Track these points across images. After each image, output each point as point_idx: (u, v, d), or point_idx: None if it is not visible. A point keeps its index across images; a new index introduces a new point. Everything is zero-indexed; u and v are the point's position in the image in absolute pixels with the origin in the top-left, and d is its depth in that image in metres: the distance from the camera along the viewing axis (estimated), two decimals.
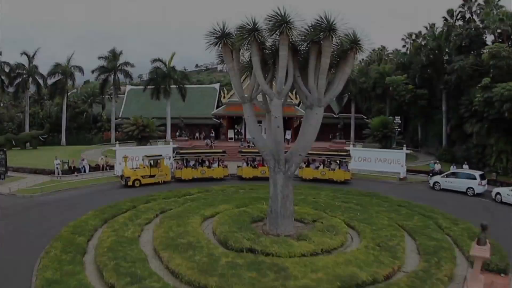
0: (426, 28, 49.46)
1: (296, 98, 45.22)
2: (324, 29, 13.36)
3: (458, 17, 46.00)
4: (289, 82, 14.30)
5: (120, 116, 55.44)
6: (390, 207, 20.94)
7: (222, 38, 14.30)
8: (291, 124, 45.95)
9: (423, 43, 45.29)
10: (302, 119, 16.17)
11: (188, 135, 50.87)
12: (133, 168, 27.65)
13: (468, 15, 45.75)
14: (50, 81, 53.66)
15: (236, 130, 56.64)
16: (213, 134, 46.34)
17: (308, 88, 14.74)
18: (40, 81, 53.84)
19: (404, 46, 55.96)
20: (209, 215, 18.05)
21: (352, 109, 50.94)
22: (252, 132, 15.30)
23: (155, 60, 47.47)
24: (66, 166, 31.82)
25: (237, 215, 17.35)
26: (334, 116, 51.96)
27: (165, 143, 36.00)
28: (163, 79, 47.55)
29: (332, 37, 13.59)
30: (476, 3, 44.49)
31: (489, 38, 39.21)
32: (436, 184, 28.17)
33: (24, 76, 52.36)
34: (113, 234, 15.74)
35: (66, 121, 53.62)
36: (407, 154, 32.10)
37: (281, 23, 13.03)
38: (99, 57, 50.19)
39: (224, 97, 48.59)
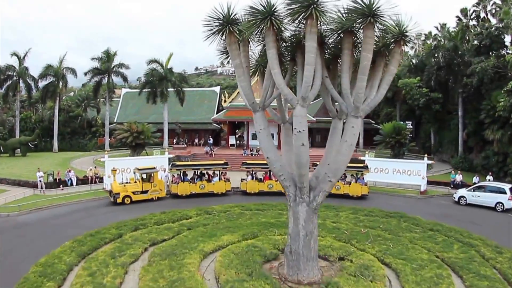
0: (437, 28, 45.97)
1: None
2: (364, 14, 9.65)
3: (472, 17, 42.66)
4: (316, 85, 10.58)
5: (115, 120, 51.57)
6: (423, 233, 17.33)
7: (227, 25, 10.51)
8: None
9: (433, 43, 41.74)
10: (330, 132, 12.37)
11: (187, 141, 47.11)
12: (123, 183, 23.80)
13: (483, 14, 42.51)
14: (41, 84, 49.98)
15: (238, 135, 52.90)
16: (211, 141, 42.17)
17: (340, 93, 11.07)
18: (32, 83, 50.16)
19: (412, 47, 52.48)
20: (210, 250, 14.18)
21: None
22: (266, 150, 11.51)
23: (151, 61, 43.56)
24: (51, 179, 28.00)
25: (245, 251, 13.53)
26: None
27: (161, 151, 32.11)
28: (160, 82, 43.63)
29: (375, 25, 9.90)
30: (491, 2, 41.17)
31: (507, 39, 35.87)
32: (462, 198, 24.68)
33: (15, 78, 48.53)
34: (89, 280, 11.96)
35: (58, 126, 49.71)
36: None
37: (308, 3, 9.30)
38: (92, 58, 46.29)
39: (225, 101, 44.77)
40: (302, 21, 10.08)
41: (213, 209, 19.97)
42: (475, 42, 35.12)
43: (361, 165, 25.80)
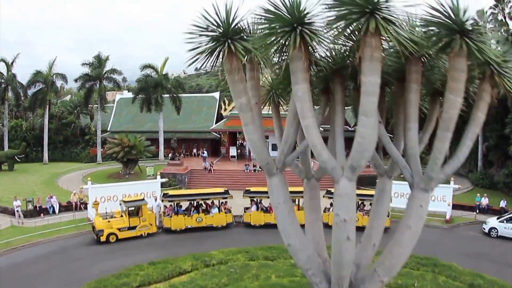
0: None
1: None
2: (456, 30, 5.90)
3: (489, 19, 38.90)
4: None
5: (109, 129, 47.60)
6: None
7: (226, 40, 6.30)
8: None
9: None
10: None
11: (184, 151, 43.30)
12: (106, 217, 19.99)
13: (500, 17, 38.77)
14: (31, 91, 46.01)
15: (239, 143, 49.03)
16: (205, 154, 37.97)
17: (402, 153, 7.35)
18: (20, 91, 46.27)
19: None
20: None
21: None
22: (288, 234, 7.63)
23: (145, 67, 39.65)
24: (30, 206, 24.16)
25: None
26: (350, 129, 43.63)
27: (154, 168, 28.29)
28: (155, 89, 39.74)
29: (466, 48, 6.18)
30: (510, 4, 37.47)
31: None
32: (493, 230, 21.44)
33: (2, 85, 44.58)
34: None
35: (49, 135, 45.74)
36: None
37: (364, 8, 5.41)
38: (83, 64, 42.28)
39: (225, 109, 40.84)
40: (351, 36, 6.21)
41: (211, 257, 16.15)
42: (499, 48, 31.29)
43: None
